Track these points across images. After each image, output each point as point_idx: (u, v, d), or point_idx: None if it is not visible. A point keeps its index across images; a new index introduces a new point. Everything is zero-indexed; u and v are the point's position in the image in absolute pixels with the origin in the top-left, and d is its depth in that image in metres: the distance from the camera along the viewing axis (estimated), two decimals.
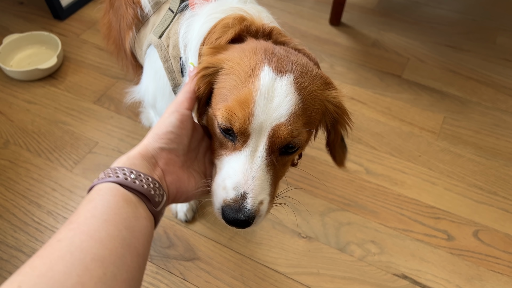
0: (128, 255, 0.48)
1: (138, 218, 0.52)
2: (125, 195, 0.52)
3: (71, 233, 0.46)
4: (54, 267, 0.42)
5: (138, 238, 0.50)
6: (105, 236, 0.46)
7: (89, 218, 0.48)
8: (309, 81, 0.64)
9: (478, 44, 1.93)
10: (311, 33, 1.92)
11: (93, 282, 0.43)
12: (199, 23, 0.77)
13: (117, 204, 0.50)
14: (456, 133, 1.54)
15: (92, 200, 0.51)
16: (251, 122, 0.60)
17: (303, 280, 1.13)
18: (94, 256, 0.44)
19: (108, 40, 1.13)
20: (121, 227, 0.48)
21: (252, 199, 0.61)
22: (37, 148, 1.37)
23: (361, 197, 1.31)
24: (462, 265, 1.18)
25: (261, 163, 0.62)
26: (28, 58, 1.65)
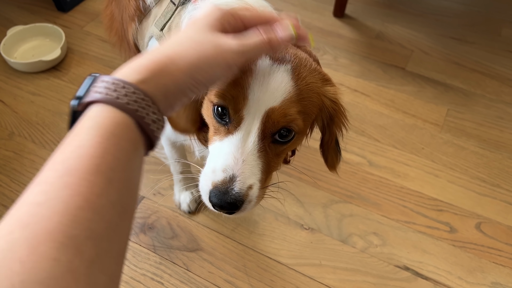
0: (122, 224, 0.40)
1: (139, 171, 0.44)
2: (135, 141, 0.43)
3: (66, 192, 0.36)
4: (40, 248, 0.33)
5: (134, 198, 0.43)
6: (105, 204, 0.38)
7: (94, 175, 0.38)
8: (307, 73, 0.64)
9: (483, 36, 1.92)
10: (315, 25, 1.91)
11: (84, 267, 0.34)
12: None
13: (127, 155, 0.41)
14: (459, 125, 1.53)
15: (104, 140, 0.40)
16: (246, 104, 0.60)
17: (306, 271, 1.13)
18: (89, 233, 0.36)
19: (111, 31, 1.13)
20: (123, 190, 0.40)
21: (240, 183, 0.60)
22: (41, 140, 1.37)
23: (363, 189, 1.32)
24: (464, 257, 1.18)
25: (253, 147, 0.62)
26: (32, 50, 1.65)
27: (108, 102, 0.43)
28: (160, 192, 1.27)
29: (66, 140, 0.40)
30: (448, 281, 1.14)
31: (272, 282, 1.11)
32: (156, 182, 1.28)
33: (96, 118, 0.42)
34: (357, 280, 1.13)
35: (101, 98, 0.43)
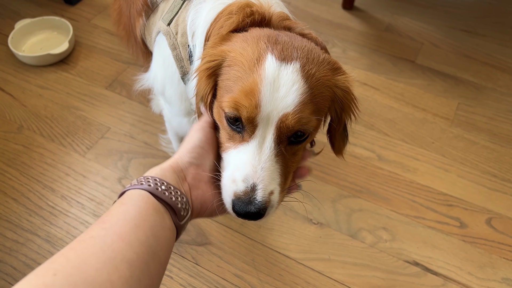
0: (152, 262, 0.50)
1: (164, 228, 0.54)
2: (154, 204, 0.55)
3: (103, 232, 0.49)
4: (87, 262, 0.45)
5: (162, 248, 0.53)
6: (134, 240, 0.49)
7: (121, 220, 0.51)
8: (316, 68, 0.62)
9: (494, 29, 1.89)
10: (324, 17, 1.89)
11: (121, 282, 0.45)
12: (206, 9, 0.75)
13: (147, 211, 0.53)
14: (470, 119, 1.51)
15: (125, 203, 0.54)
16: (259, 112, 0.59)
17: (314, 265, 1.13)
18: (123, 257, 0.47)
19: (119, 26, 1.12)
20: (148, 234, 0.51)
21: (262, 191, 0.60)
22: (50, 133, 1.38)
23: (373, 184, 1.31)
24: (475, 253, 1.18)
25: (269, 153, 0.61)
26: (40, 43, 1.65)
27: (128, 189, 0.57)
28: None
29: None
30: (458, 276, 1.13)
31: (281, 277, 1.11)
32: None
33: (121, 199, 0.56)
34: (366, 275, 1.12)
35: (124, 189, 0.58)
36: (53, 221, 1.18)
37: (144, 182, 0.57)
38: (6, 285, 1.06)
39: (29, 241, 1.14)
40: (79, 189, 1.25)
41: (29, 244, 1.13)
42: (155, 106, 1.19)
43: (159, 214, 0.55)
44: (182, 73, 0.84)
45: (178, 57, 0.83)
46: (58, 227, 1.17)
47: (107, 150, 1.34)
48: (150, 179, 0.58)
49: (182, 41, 0.82)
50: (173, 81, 0.89)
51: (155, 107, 1.19)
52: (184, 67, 0.83)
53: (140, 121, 1.43)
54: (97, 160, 1.32)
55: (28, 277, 0.43)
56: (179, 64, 0.83)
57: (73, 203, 1.22)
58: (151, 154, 1.34)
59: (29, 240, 1.14)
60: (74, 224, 1.18)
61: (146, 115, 1.44)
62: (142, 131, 1.40)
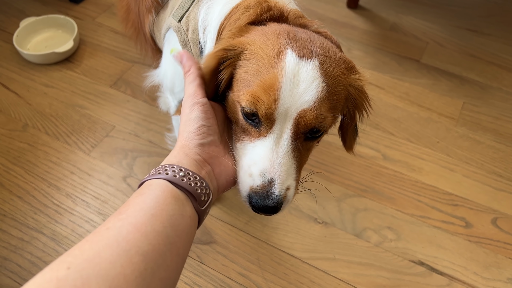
0: (168, 254, 0.49)
1: (183, 216, 0.53)
2: (173, 192, 0.54)
3: (119, 223, 0.48)
4: (101, 254, 0.45)
5: (181, 237, 0.52)
6: (151, 231, 0.48)
7: (138, 211, 0.50)
8: (334, 66, 0.63)
9: (499, 28, 1.88)
10: (328, 16, 1.88)
11: (134, 276, 0.45)
12: (221, 4, 0.75)
13: (165, 200, 0.52)
14: (475, 119, 1.51)
15: (142, 194, 0.53)
16: (277, 107, 0.59)
17: (319, 265, 1.13)
18: (138, 249, 0.46)
19: (127, 23, 1.12)
20: (166, 224, 0.50)
21: (279, 185, 0.60)
22: (55, 132, 1.38)
23: (378, 183, 1.31)
24: (480, 253, 1.17)
25: (286, 148, 0.61)
26: (45, 42, 1.65)
27: (145, 179, 0.56)
28: None
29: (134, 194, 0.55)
30: (464, 276, 1.13)
31: (286, 276, 1.11)
32: None
33: (138, 190, 0.55)
34: (371, 275, 1.12)
35: (143, 180, 0.57)
36: (58, 219, 1.18)
37: (161, 171, 0.56)
38: (12, 283, 1.06)
39: (34, 239, 1.14)
40: (84, 187, 1.25)
41: (35, 242, 1.13)
42: (162, 103, 1.19)
43: (178, 202, 0.54)
44: None
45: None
46: (63, 225, 1.17)
47: (112, 149, 1.35)
48: (168, 167, 0.57)
49: (193, 37, 0.82)
50: (182, 78, 0.89)
51: (162, 105, 1.19)
52: None
53: (145, 119, 1.43)
54: (102, 159, 1.32)
55: (44, 271, 0.43)
56: None
57: (78, 201, 1.22)
58: (156, 152, 1.34)
59: (34, 238, 1.14)
60: (79, 222, 1.18)
61: (151, 113, 1.44)
62: (147, 130, 1.40)
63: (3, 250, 1.11)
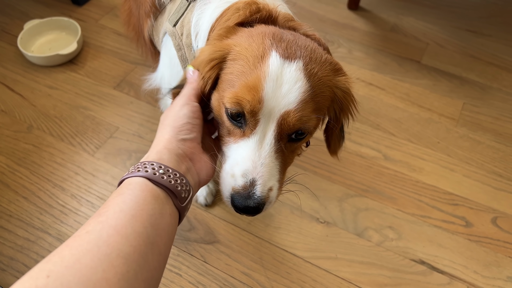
0: (150, 254, 0.49)
1: (163, 215, 0.53)
2: (153, 191, 0.54)
3: (99, 226, 0.48)
4: (82, 260, 0.44)
5: (162, 236, 0.52)
6: (131, 233, 0.48)
7: (118, 212, 0.50)
8: (319, 67, 0.63)
9: (499, 29, 1.90)
10: (329, 18, 1.90)
11: (117, 279, 0.44)
12: (211, 8, 0.76)
13: (145, 199, 0.52)
14: (475, 119, 1.52)
15: (122, 193, 0.53)
16: (261, 107, 0.60)
17: (321, 264, 1.14)
18: (119, 252, 0.46)
19: (128, 26, 1.14)
20: (146, 224, 0.50)
21: (261, 186, 0.61)
22: (59, 133, 1.39)
23: (379, 183, 1.32)
24: (480, 252, 1.19)
25: (269, 149, 0.62)
26: (49, 44, 1.67)
27: (125, 178, 0.56)
28: None
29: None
30: (464, 275, 1.14)
31: (288, 275, 1.12)
32: None
33: (116, 190, 0.55)
34: (372, 274, 1.13)
35: (121, 179, 0.57)
36: (63, 219, 1.19)
37: (141, 169, 0.55)
38: None
39: (40, 239, 1.15)
40: (89, 188, 1.27)
41: (40, 242, 1.15)
42: (163, 106, 1.20)
43: (158, 200, 0.53)
44: None
45: (183, 57, 0.84)
46: (69, 225, 1.18)
47: (116, 150, 1.36)
48: (147, 164, 0.56)
49: (187, 42, 0.83)
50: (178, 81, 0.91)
51: (163, 107, 1.21)
52: None
53: (149, 121, 1.44)
54: (106, 160, 1.33)
55: (22, 279, 0.43)
56: (183, 65, 0.85)
57: (83, 202, 1.23)
58: None
59: (40, 238, 1.16)
60: (84, 222, 1.19)
61: (154, 115, 1.46)
62: (151, 131, 1.41)
63: (10, 250, 1.13)
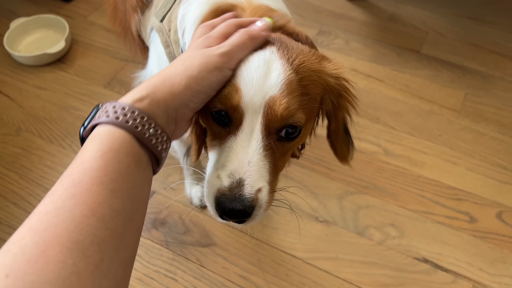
0: (127, 233, 0.43)
1: (143, 185, 0.47)
2: (137, 156, 0.47)
3: (71, 202, 0.40)
4: (48, 252, 0.36)
5: (139, 209, 0.46)
6: (109, 213, 0.41)
7: (96, 185, 0.42)
8: (297, 53, 0.59)
9: (501, 15, 1.84)
10: (325, 8, 1.84)
11: (89, 271, 0.38)
12: (194, 5, 0.72)
13: (128, 168, 0.45)
14: (478, 110, 1.48)
15: (103, 152, 0.44)
16: (240, 97, 0.55)
17: (321, 265, 1.11)
18: (93, 238, 0.39)
19: (115, 22, 1.09)
20: (125, 199, 0.43)
21: (249, 186, 0.55)
22: (49, 135, 1.35)
23: (379, 179, 1.28)
24: (485, 248, 1.15)
25: (257, 146, 0.56)
26: (36, 42, 1.62)
27: (108, 122, 0.47)
28: (171, 186, 1.25)
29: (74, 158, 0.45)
30: (469, 272, 1.10)
31: (288, 277, 1.09)
32: (167, 176, 1.25)
33: (97, 136, 0.46)
34: (374, 274, 1.10)
35: (102, 120, 0.47)
36: None
37: (129, 119, 0.47)
38: None
39: None
40: None
41: None
42: None
43: (141, 168, 0.47)
44: None
45: (171, 54, 0.80)
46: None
47: None
48: (138, 115, 0.47)
49: (175, 38, 0.79)
50: None
51: None
52: None
53: None
54: None
55: None
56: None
57: None
58: None
59: None
60: None
61: None
62: None
63: None
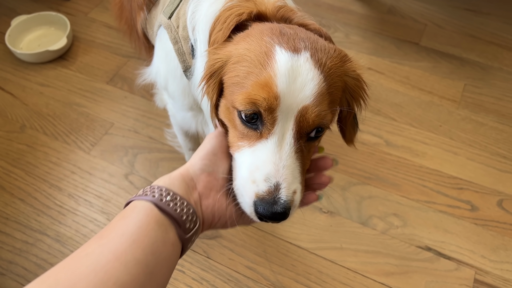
0: (148, 284, 0.48)
1: (165, 244, 0.51)
2: (157, 217, 0.52)
3: (99, 249, 0.47)
4: (77, 285, 0.43)
5: (162, 266, 0.50)
6: (131, 260, 0.47)
7: (119, 237, 0.49)
8: (326, 57, 0.60)
9: (498, 6, 1.85)
10: (324, 2, 1.85)
11: None
12: (207, 3, 0.72)
13: (148, 225, 0.51)
14: (477, 100, 1.49)
15: (126, 217, 0.52)
16: (279, 104, 0.56)
17: (326, 255, 1.13)
18: (116, 280, 0.45)
19: (121, 20, 1.10)
20: (147, 252, 0.49)
21: (286, 189, 0.57)
22: (53, 131, 1.36)
23: (382, 170, 1.29)
24: (487, 235, 1.17)
25: (290, 150, 0.58)
26: (38, 40, 1.62)
27: (132, 199, 0.55)
28: None
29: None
30: (471, 260, 1.12)
31: (293, 267, 1.11)
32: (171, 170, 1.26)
33: (124, 209, 0.54)
34: (379, 262, 1.12)
35: (128, 201, 0.56)
36: (61, 220, 1.17)
37: (149, 193, 0.54)
38: (18, 286, 1.06)
39: (38, 241, 1.13)
40: (86, 186, 1.24)
41: (39, 244, 1.12)
42: (159, 100, 1.17)
43: (162, 228, 0.52)
44: (185, 67, 0.82)
45: (179, 51, 0.81)
46: (67, 226, 1.16)
47: (112, 146, 1.33)
48: (156, 189, 0.55)
49: (184, 34, 0.79)
50: (175, 76, 0.87)
51: (159, 102, 1.17)
52: (186, 61, 0.81)
53: (144, 115, 1.41)
54: (103, 157, 1.30)
55: None
56: (181, 59, 0.81)
57: (80, 201, 1.21)
58: (156, 148, 1.33)
59: (38, 240, 1.13)
60: (83, 222, 1.17)
61: (149, 109, 1.42)
62: (146, 126, 1.38)
63: (8, 254, 1.10)
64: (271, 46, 0.58)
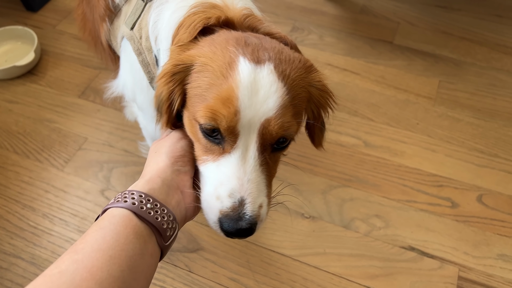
0: None
1: (143, 256, 0.50)
2: (136, 227, 0.50)
3: (74, 266, 0.45)
4: None
5: (139, 280, 0.48)
6: (106, 277, 0.45)
7: (95, 251, 0.47)
8: (290, 68, 0.59)
9: (469, 2, 1.88)
10: (297, 4, 1.84)
11: None
12: (169, 11, 0.71)
13: (126, 238, 0.49)
14: (452, 96, 1.50)
15: (103, 227, 0.50)
16: (239, 119, 0.55)
17: (310, 261, 1.11)
18: None
19: (84, 32, 1.06)
20: (124, 267, 0.47)
21: (251, 204, 0.56)
22: (24, 150, 1.32)
23: (361, 171, 1.29)
24: (468, 232, 1.17)
25: (254, 163, 0.57)
26: (4, 55, 1.57)
27: (110, 206, 0.53)
28: None
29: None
30: (454, 257, 1.12)
31: (278, 276, 1.09)
32: None
33: (101, 217, 0.52)
34: (363, 265, 1.11)
35: (106, 207, 0.54)
36: (36, 241, 1.13)
37: (128, 198, 0.52)
38: None
39: (13, 265, 1.09)
40: (61, 205, 1.20)
41: (14, 269, 1.08)
42: (129, 113, 1.14)
43: (141, 239, 0.50)
44: (150, 78, 0.79)
45: (144, 62, 0.79)
46: (43, 248, 1.12)
47: (86, 162, 1.29)
48: (135, 194, 0.53)
49: (147, 45, 0.77)
50: (142, 87, 0.85)
51: (129, 115, 1.14)
52: (151, 72, 0.79)
53: (118, 128, 1.37)
54: (77, 173, 1.27)
55: None
56: (146, 70, 0.79)
57: (55, 221, 1.17)
58: (132, 162, 1.30)
59: (13, 264, 1.09)
60: (59, 242, 1.13)
61: (123, 121, 1.39)
62: (121, 139, 1.35)
63: None
64: (235, 56, 0.57)
